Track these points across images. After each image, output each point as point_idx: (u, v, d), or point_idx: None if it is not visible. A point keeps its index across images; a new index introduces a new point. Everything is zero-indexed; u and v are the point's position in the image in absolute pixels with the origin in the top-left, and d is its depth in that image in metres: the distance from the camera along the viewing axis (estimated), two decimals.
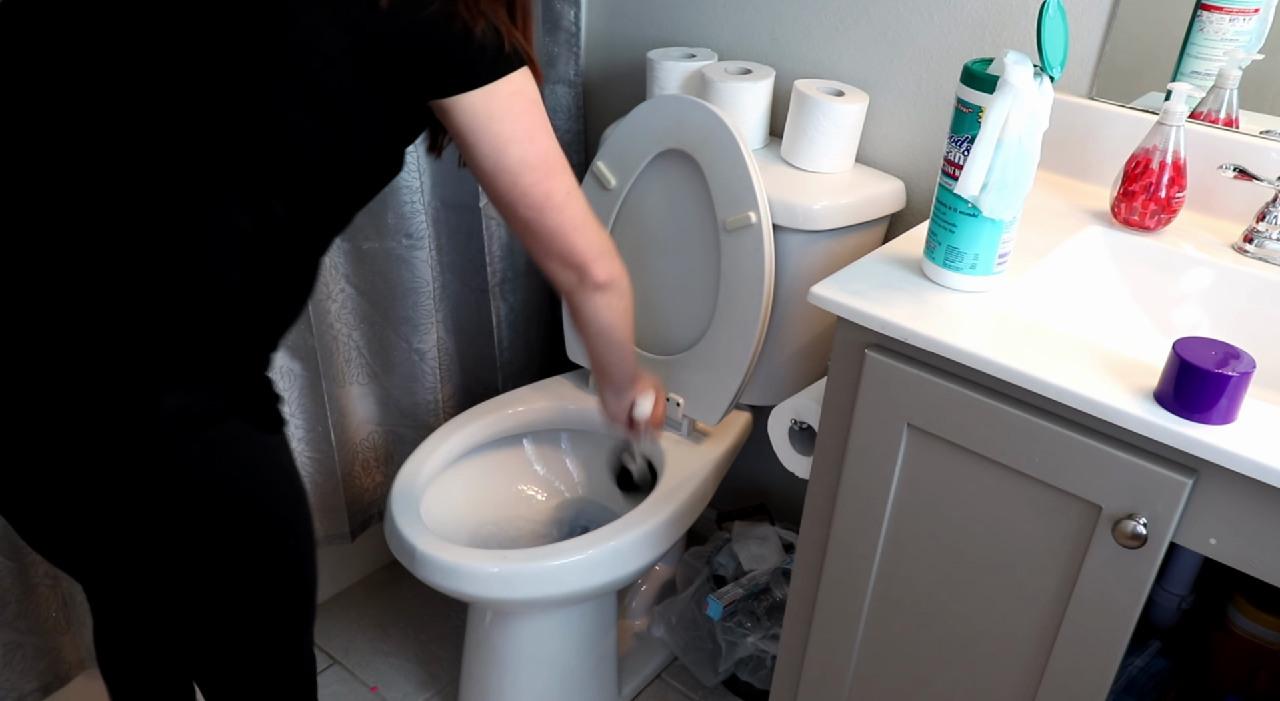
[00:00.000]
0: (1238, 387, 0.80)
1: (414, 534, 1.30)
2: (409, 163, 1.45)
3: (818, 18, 1.45)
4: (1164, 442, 0.82)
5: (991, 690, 1.04)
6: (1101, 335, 1.04)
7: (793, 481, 1.75)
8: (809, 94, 1.37)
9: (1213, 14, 1.15)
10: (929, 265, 1.02)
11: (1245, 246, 1.09)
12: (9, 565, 1.28)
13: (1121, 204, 1.13)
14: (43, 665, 1.36)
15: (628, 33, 1.66)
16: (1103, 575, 0.90)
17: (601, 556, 1.31)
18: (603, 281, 1.03)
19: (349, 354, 1.57)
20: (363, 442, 1.66)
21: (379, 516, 1.73)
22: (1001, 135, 0.91)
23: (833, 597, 1.12)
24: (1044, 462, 0.90)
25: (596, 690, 1.55)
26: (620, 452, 1.45)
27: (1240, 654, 1.18)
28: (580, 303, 1.06)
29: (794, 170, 1.41)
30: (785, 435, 1.21)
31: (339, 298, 1.51)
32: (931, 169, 1.42)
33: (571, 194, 0.97)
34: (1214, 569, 1.16)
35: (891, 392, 0.98)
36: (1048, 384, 0.86)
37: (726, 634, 1.52)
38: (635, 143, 1.45)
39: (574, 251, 1.00)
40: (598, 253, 1.02)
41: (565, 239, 0.98)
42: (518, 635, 1.44)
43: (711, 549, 1.63)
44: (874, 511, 1.04)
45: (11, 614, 1.30)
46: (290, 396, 1.53)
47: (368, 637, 1.75)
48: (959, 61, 1.34)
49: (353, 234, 1.48)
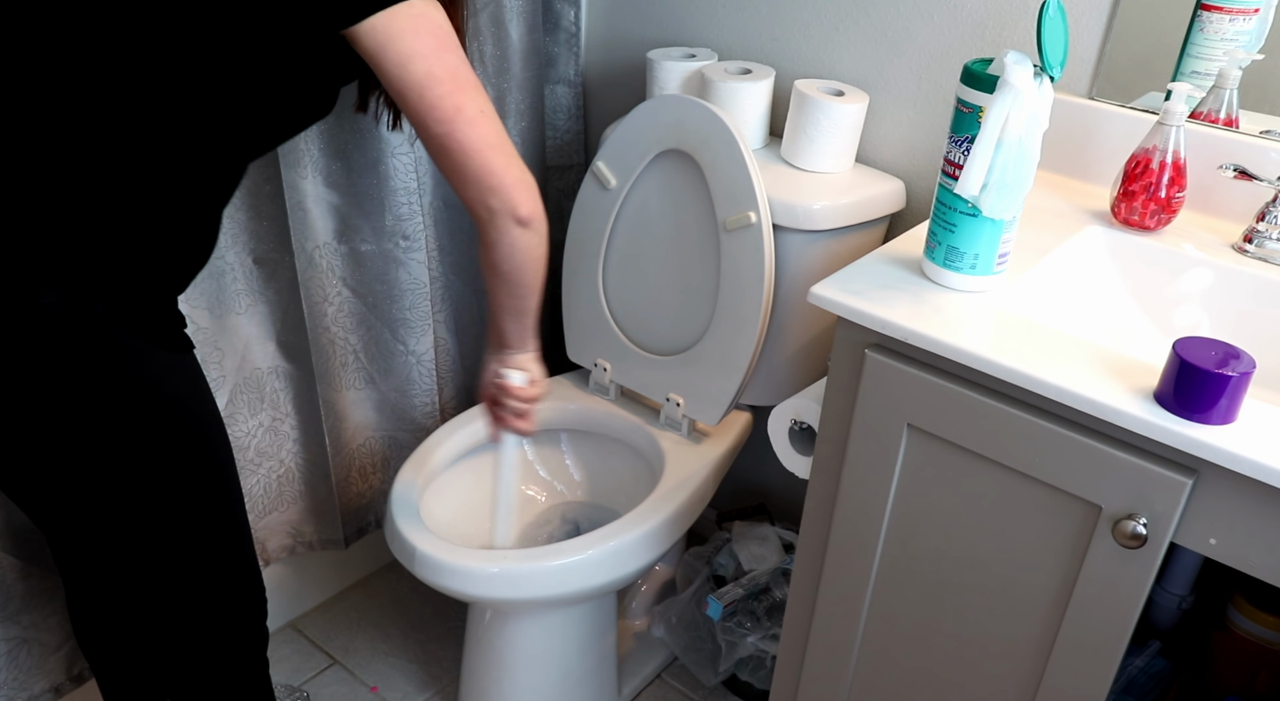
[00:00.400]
0: (1238, 387, 0.80)
1: (414, 534, 1.30)
2: (407, 165, 1.45)
3: (818, 18, 1.45)
4: (1164, 442, 0.82)
5: (991, 689, 1.04)
6: (1101, 335, 1.04)
7: (793, 481, 1.75)
8: (809, 94, 1.37)
9: (1213, 14, 1.15)
10: (929, 265, 1.02)
11: (1245, 246, 1.09)
12: (13, 562, 1.28)
13: (1121, 204, 1.13)
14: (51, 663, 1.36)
15: (628, 33, 1.66)
16: (1103, 575, 0.90)
17: (601, 556, 1.31)
18: (524, 214, 1.00)
19: (345, 358, 1.56)
20: (359, 448, 1.65)
21: (376, 524, 1.72)
22: (1001, 135, 0.91)
23: (833, 597, 1.12)
24: (1044, 463, 0.90)
25: (596, 690, 1.55)
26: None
27: (1240, 654, 1.18)
28: (497, 235, 1.02)
29: (794, 170, 1.41)
30: (785, 435, 1.21)
31: (335, 301, 1.51)
32: (931, 169, 1.41)
33: (485, 114, 0.97)
34: (1214, 569, 1.16)
35: (891, 392, 0.98)
36: (1048, 384, 0.86)
37: (726, 634, 1.52)
38: (635, 143, 1.45)
39: (491, 171, 0.97)
40: (518, 178, 0.99)
41: (480, 155, 0.97)
42: (518, 635, 1.44)
43: (711, 549, 1.63)
44: (874, 511, 1.04)
45: (14, 609, 1.30)
46: (285, 400, 1.53)
47: (368, 637, 1.75)
48: (959, 61, 1.34)
49: (349, 236, 1.48)
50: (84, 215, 0.91)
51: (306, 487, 1.61)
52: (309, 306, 1.46)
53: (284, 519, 1.61)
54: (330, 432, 1.56)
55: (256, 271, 1.43)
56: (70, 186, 0.90)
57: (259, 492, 1.55)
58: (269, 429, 1.52)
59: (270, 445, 1.53)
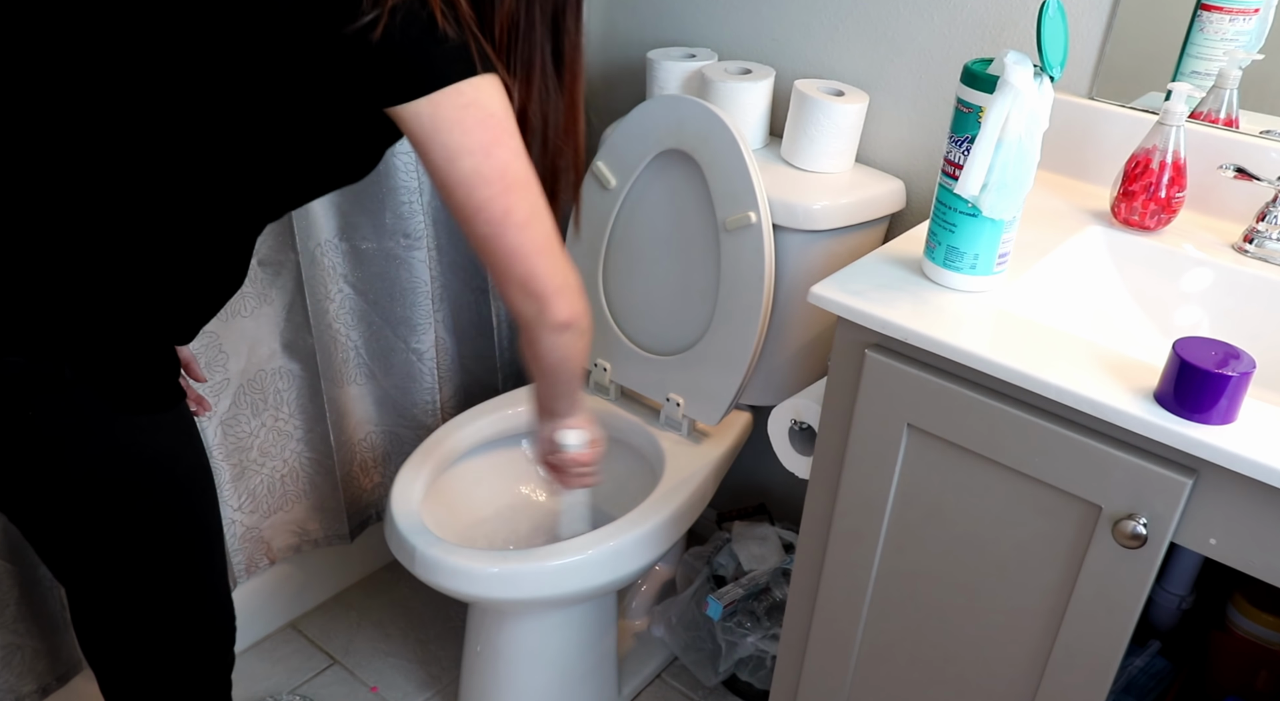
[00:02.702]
0: (1238, 387, 0.80)
1: (414, 534, 1.30)
2: (408, 164, 1.45)
3: (818, 18, 1.45)
4: (1164, 442, 0.82)
5: (991, 689, 1.04)
6: (1101, 335, 1.03)
7: (793, 481, 1.75)
8: (809, 94, 1.37)
9: (1213, 14, 1.15)
10: (929, 265, 1.02)
11: (1245, 246, 1.09)
12: (9, 568, 1.28)
13: (1121, 204, 1.13)
14: (41, 666, 1.36)
15: (628, 33, 1.66)
16: (1103, 575, 0.90)
17: (601, 556, 1.31)
18: (563, 320, 0.96)
19: (347, 354, 1.57)
20: (361, 443, 1.66)
21: (377, 516, 1.73)
22: (1001, 135, 0.91)
23: (833, 597, 1.12)
24: (1044, 463, 0.90)
25: (596, 690, 1.55)
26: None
27: (1240, 654, 1.18)
28: (536, 338, 0.99)
29: (794, 170, 1.41)
30: (785, 435, 1.21)
31: (337, 298, 1.51)
32: (931, 169, 1.41)
33: (536, 214, 0.91)
34: (1214, 569, 1.16)
35: (891, 392, 0.98)
36: (1047, 384, 0.86)
37: (726, 634, 1.52)
38: (635, 143, 1.45)
39: (535, 277, 0.93)
40: (561, 285, 0.95)
41: (526, 262, 0.92)
42: (518, 635, 1.44)
43: (711, 549, 1.63)
44: (874, 511, 1.04)
45: (11, 616, 1.30)
46: (289, 397, 1.53)
47: (368, 637, 1.75)
48: (959, 61, 1.34)
49: (350, 234, 1.48)
50: (88, 275, 0.87)
51: (310, 485, 1.61)
52: (311, 303, 1.46)
53: (289, 517, 1.61)
54: (333, 428, 1.57)
55: (261, 273, 1.43)
56: (83, 245, 0.86)
57: (263, 493, 1.55)
58: (271, 428, 1.52)
59: (273, 444, 1.53)
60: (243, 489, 1.52)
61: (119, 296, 0.89)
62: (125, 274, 0.88)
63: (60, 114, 0.85)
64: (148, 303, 0.91)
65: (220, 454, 1.45)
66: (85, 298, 0.87)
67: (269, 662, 1.68)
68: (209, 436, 1.43)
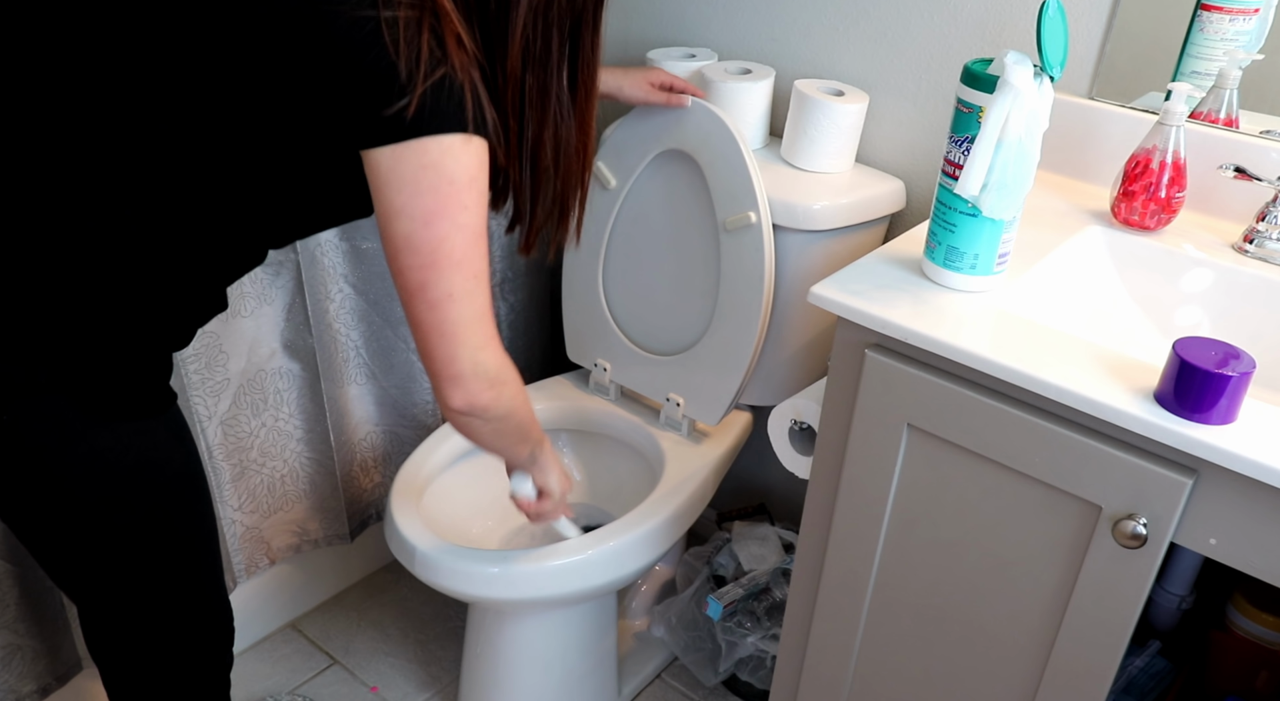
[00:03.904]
0: (1238, 387, 0.80)
1: (414, 534, 1.30)
2: None
3: (818, 18, 1.45)
4: (1164, 442, 0.82)
5: (991, 690, 1.04)
6: (1101, 335, 1.04)
7: (793, 481, 1.75)
8: (809, 94, 1.37)
9: (1213, 14, 1.15)
10: (929, 265, 1.02)
11: (1245, 246, 1.09)
12: (9, 568, 1.28)
13: (1121, 204, 1.13)
14: (41, 666, 1.36)
15: (628, 33, 1.66)
16: (1103, 575, 0.90)
17: (601, 556, 1.31)
18: (456, 407, 0.91)
19: (347, 354, 1.57)
20: (361, 442, 1.66)
21: (378, 516, 1.73)
22: (1001, 135, 0.91)
23: (833, 597, 1.12)
24: (1044, 462, 0.90)
25: (596, 690, 1.55)
26: None
27: (1240, 654, 1.18)
28: (443, 413, 0.96)
29: (794, 170, 1.41)
30: (785, 435, 1.21)
31: (337, 298, 1.51)
32: (931, 169, 1.42)
33: (455, 297, 0.85)
34: (1214, 569, 1.16)
35: (891, 392, 0.98)
36: (1048, 384, 0.86)
37: (726, 634, 1.52)
38: (635, 143, 1.45)
39: (432, 358, 0.89)
40: (459, 373, 0.89)
41: (428, 340, 0.88)
42: (518, 635, 1.44)
43: (711, 549, 1.63)
44: (874, 511, 1.04)
45: (11, 616, 1.30)
46: (289, 397, 1.53)
47: (368, 637, 1.75)
48: (959, 61, 1.34)
49: (351, 233, 1.48)
50: (69, 282, 0.87)
51: (310, 485, 1.61)
52: (312, 302, 1.46)
53: (289, 517, 1.61)
54: (333, 428, 1.57)
55: (261, 273, 1.43)
56: (67, 251, 0.86)
57: (263, 493, 1.55)
58: (271, 428, 1.52)
59: (273, 444, 1.53)
60: (243, 489, 1.52)
61: (101, 304, 0.88)
62: (109, 283, 0.88)
63: (58, 123, 0.85)
64: (131, 311, 0.90)
65: (220, 454, 1.45)
66: (65, 304, 0.87)
67: (269, 662, 1.68)
68: (209, 436, 1.43)
